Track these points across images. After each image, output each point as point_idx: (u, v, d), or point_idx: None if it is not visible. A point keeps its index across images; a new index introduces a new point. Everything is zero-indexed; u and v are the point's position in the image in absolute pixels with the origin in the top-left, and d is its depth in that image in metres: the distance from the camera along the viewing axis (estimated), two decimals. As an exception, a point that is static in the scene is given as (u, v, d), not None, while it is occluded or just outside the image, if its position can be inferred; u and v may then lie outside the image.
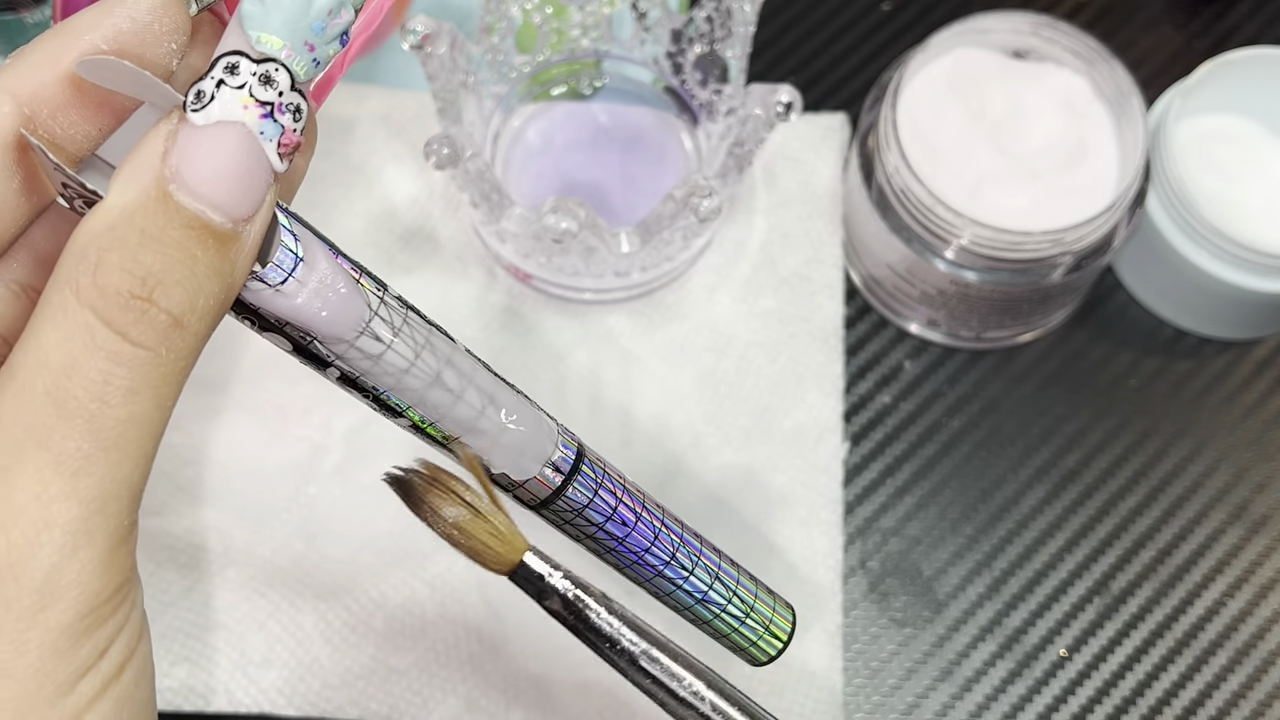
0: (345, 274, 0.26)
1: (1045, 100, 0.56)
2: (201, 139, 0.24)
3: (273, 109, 0.24)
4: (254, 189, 0.24)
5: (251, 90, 0.24)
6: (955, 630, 0.54)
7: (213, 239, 0.24)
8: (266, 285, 0.25)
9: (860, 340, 0.58)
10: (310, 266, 0.26)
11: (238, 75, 0.24)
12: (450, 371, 0.28)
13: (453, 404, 0.28)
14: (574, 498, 0.31)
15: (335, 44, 0.25)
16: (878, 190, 0.55)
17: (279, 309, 0.26)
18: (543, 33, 0.57)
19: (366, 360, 0.27)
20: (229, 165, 0.24)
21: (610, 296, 0.56)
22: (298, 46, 0.24)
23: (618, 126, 0.59)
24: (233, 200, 0.24)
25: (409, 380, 0.27)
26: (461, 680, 0.52)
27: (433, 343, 0.28)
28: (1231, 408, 0.58)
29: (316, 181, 0.58)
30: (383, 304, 0.27)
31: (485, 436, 0.29)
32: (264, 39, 0.24)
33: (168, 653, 0.52)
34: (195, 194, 0.24)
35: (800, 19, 0.63)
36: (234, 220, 0.24)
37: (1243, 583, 0.55)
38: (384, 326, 0.27)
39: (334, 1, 0.24)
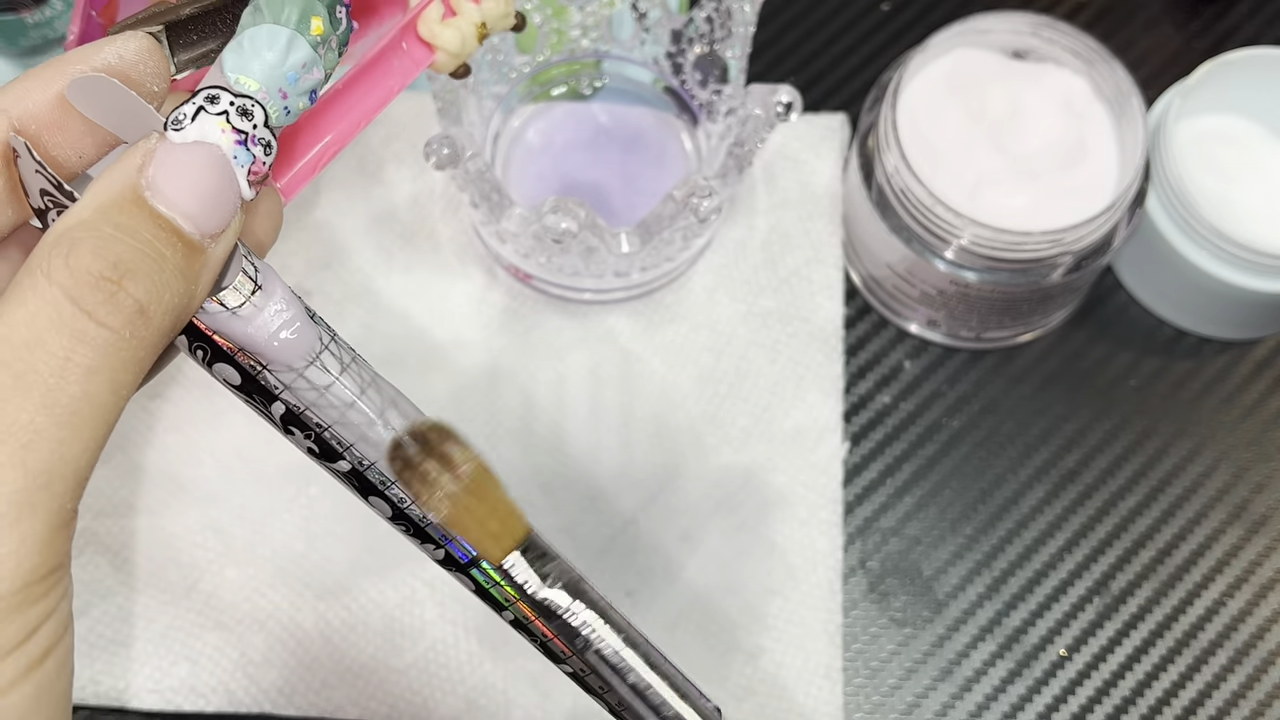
0: (299, 306, 0.28)
1: (1045, 100, 0.56)
2: (179, 154, 0.25)
3: (247, 138, 0.26)
4: (223, 207, 0.26)
5: (229, 117, 0.26)
6: (955, 630, 0.54)
7: (181, 244, 0.25)
8: (224, 308, 0.27)
9: (860, 340, 0.58)
10: (267, 294, 0.27)
11: (218, 104, 0.26)
12: (393, 411, 0.29)
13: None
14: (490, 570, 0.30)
15: (305, 99, 0.27)
16: (878, 190, 0.55)
17: (234, 333, 0.27)
18: (543, 33, 0.57)
19: (313, 391, 0.28)
20: (203, 180, 0.25)
21: (610, 296, 0.56)
22: (272, 92, 0.26)
23: (618, 126, 0.59)
24: (203, 213, 0.25)
25: (352, 415, 0.28)
26: (462, 680, 0.52)
27: (378, 383, 0.29)
28: (1231, 408, 0.58)
29: (318, 182, 0.58)
30: (333, 340, 0.28)
31: None
32: (242, 79, 0.26)
33: (168, 652, 0.52)
34: (168, 202, 0.25)
35: (800, 19, 0.63)
36: (202, 233, 0.25)
37: (1242, 582, 0.55)
38: (333, 360, 0.28)
39: (309, 57, 0.27)
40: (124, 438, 0.54)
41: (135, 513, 0.53)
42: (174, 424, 0.54)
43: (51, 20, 0.59)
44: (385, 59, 0.34)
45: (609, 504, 0.54)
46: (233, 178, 0.26)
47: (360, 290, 0.57)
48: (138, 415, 0.54)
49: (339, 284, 0.57)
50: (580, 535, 0.54)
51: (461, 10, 0.35)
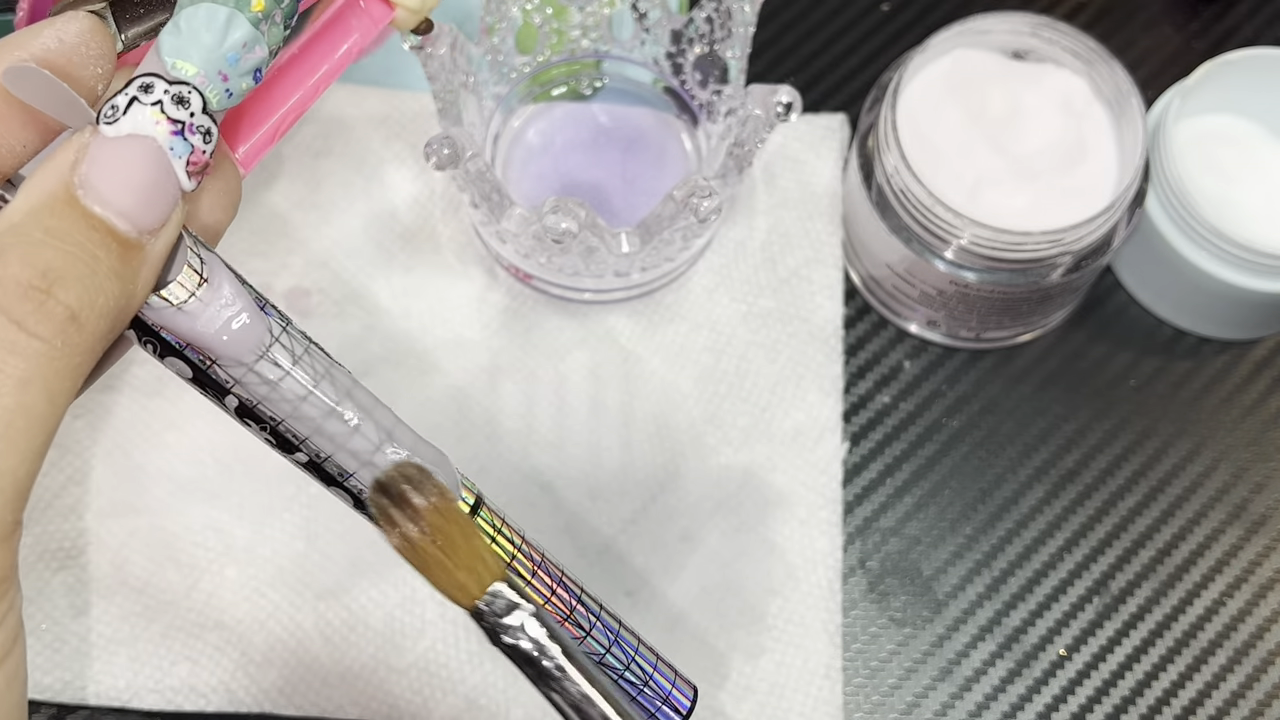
0: (248, 298, 0.27)
1: (1045, 101, 0.56)
2: (112, 149, 0.24)
3: (184, 128, 0.25)
4: (161, 202, 0.25)
5: (164, 107, 0.25)
6: (955, 630, 0.54)
7: (116, 244, 0.24)
8: (169, 303, 0.26)
9: (860, 340, 0.58)
10: (214, 288, 0.27)
11: (151, 93, 0.25)
12: (349, 404, 0.28)
13: (349, 436, 0.28)
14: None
15: (248, 78, 0.26)
16: (877, 190, 0.55)
17: (180, 328, 0.26)
18: (543, 33, 0.57)
19: (264, 386, 0.27)
20: (137, 175, 0.24)
21: (610, 296, 0.56)
22: (211, 75, 0.25)
23: (618, 127, 0.59)
24: (139, 210, 0.25)
25: (306, 409, 0.28)
26: (462, 679, 0.52)
27: (333, 374, 0.28)
28: (1230, 408, 0.58)
29: (317, 181, 0.58)
30: (285, 332, 0.28)
31: (380, 470, 0.29)
32: (179, 65, 0.25)
33: (168, 652, 0.52)
34: (102, 200, 0.24)
35: (800, 19, 0.63)
36: (139, 230, 0.25)
37: (1242, 582, 0.55)
38: (283, 353, 0.27)
39: (249, 36, 0.25)
40: (124, 437, 0.54)
41: (135, 513, 0.53)
42: (174, 423, 0.54)
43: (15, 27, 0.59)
44: (343, 18, 0.33)
45: (609, 504, 0.54)
46: (170, 170, 0.25)
47: (360, 290, 0.57)
48: (137, 415, 0.54)
49: (339, 284, 0.57)
50: (580, 535, 0.54)
51: None
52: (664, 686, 0.33)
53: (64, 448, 0.54)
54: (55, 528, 0.53)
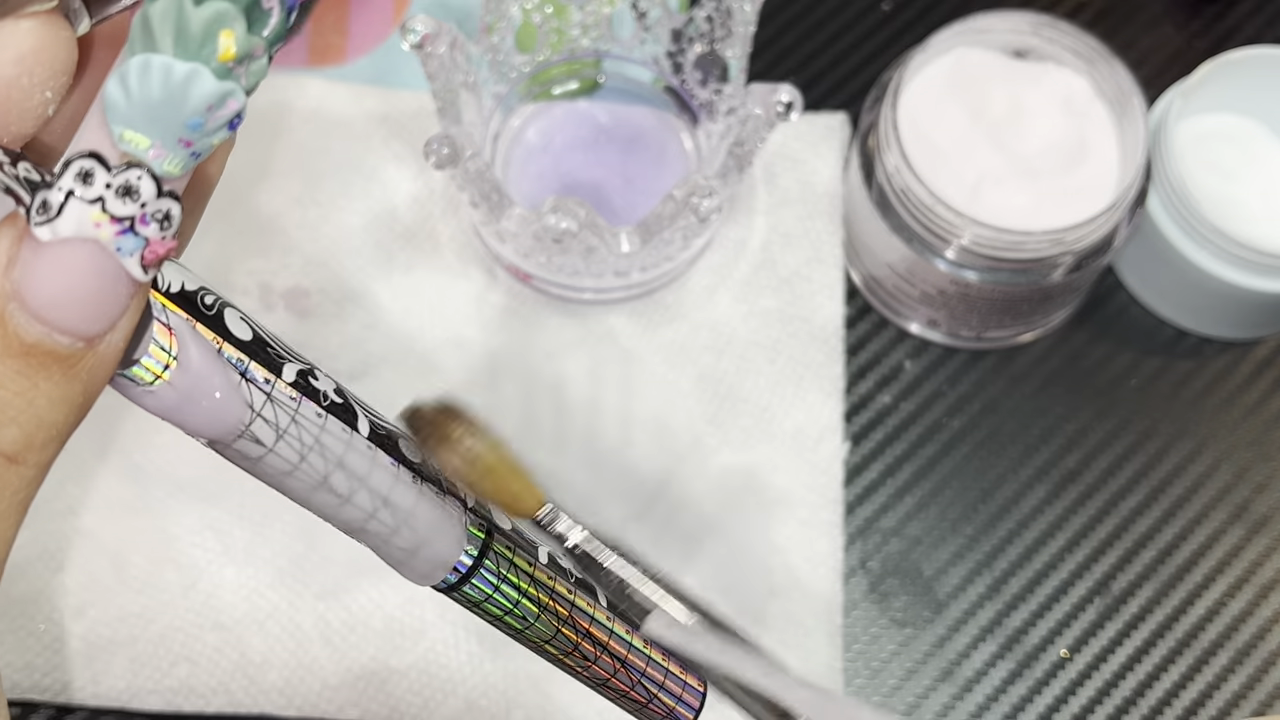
0: (225, 372, 0.23)
1: (1046, 100, 0.56)
2: (46, 257, 0.20)
3: (133, 222, 0.20)
4: (109, 308, 0.21)
5: (105, 205, 0.20)
6: (956, 631, 0.54)
7: (57, 365, 0.21)
8: (135, 384, 0.23)
9: (860, 340, 0.58)
10: (183, 368, 0.23)
11: (91, 186, 0.20)
12: (340, 474, 0.25)
13: (339, 506, 0.26)
14: (470, 593, 0.29)
15: (222, 133, 0.21)
16: (878, 190, 0.55)
17: (149, 407, 0.24)
18: (543, 32, 0.57)
19: (246, 461, 0.25)
20: (79, 287, 0.20)
21: (610, 296, 0.56)
22: (170, 144, 0.20)
23: (618, 126, 0.59)
24: (83, 323, 0.21)
25: (291, 483, 0.25)
26: (462, 680, 0.52)
27: (323, 441, 0.25)
28: (1232, 408, 0.58)
29: (317, 181, 0.58)
30: (268, 401, 0.24)
31: (375, 538, 0.27)
32: (128, 137, 0.20)
33: (168, 653, 0.51)
34: (39, 317, 0.20)
35: (800, 19, 0.63)
36: (87, 339, 0.21)
37: (1244, 583, 0.55)
38: (266, 429, 0.24)
39: (215, 93, 0.20)
40: (123, 437, 0.54)
41: (134, 513, 0.53)
42: (173, 424, 0.54)
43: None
44: None
45: (609, 504, 0.54)
46: (119, 271, 0.20)
47: (360, 290, 0.57)
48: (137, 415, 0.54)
49: (339, 284, 0.57)
50: (580, 535, 0.54)
51: None
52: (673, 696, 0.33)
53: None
54: (54, 528, 0.53)
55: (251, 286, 0.56)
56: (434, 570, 0.29)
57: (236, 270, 0.56)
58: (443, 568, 0.29)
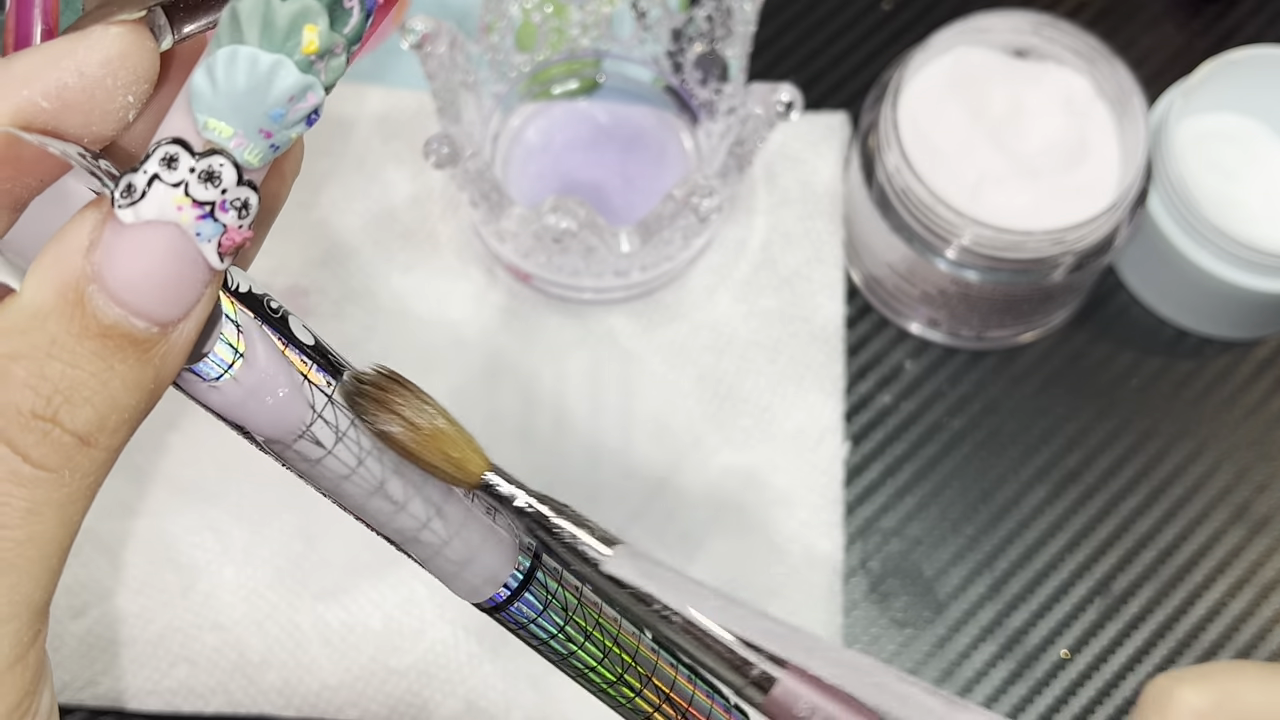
0: (289, 372, 0.24)
1: (1046, 99, 0.55)
2: (128, 240, 0.21)
3: (213, 208, 0.21)
4: (186, 294, 0.22)
5: (189, 189, 0.21)
6: (956, 631, 0.54)
7: (133, 348, 0.21)
8: (201, 379, 0.23)
9: (861, 340, 0.58)
10: (250, 365, 0.23)
11: (175, 170, 0.21)
12: (396, 480, 0.26)
13: (394, 514, 0.26)
14: (517, 615, 0.29)
15: (300, 127, 0.22)
16: (878, 190, 0.55)
17: (212, 404, 0.24)
18: (542, 32, 0.57)
19: (304, 463, 0.25)
20: (158, 270, 0.21)
21: (610, 296, 0.56)
22: (251, 133, 0.21)
23: (618, 126, 0.58)
24: (160, 307, 0.21)
25: (348, 487, 0.25)
26: (461, 680, 0.51)
27: (379, 451, 0.25)
28: (1233, 408, 0.57)
29: (317, 181, 0.58)
30: (330, 403, 0.25)
31: (427, 548, 0.27)
32: (212, 125, 0.21)
33: (167, 653, 0.51)
34: (118, 299, 0.21)
35: (800, 18, 0.63)
36: (162, 325, 0.22)
37: (1244, 583, 0.55)
38: (326, 430, 0.25)
39: (297, 86, 0.21)
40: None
41: (133, 513, 0.53)
42: (173, 423, 0.54)
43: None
44: None
45: (609, 504, 0.54)
46: (197, 258, 0.21)
47: (360, 290, 0.56)
48: (136, 415, 0.54)
49: (339, 284, 0.56)
50: (580, 536, 0.53)
51: None
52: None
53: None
54: (53, 528, 0.53)
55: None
56: (483, 586, 0.28)
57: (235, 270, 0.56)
58: (492, 583, 0.28)
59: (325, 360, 0.25)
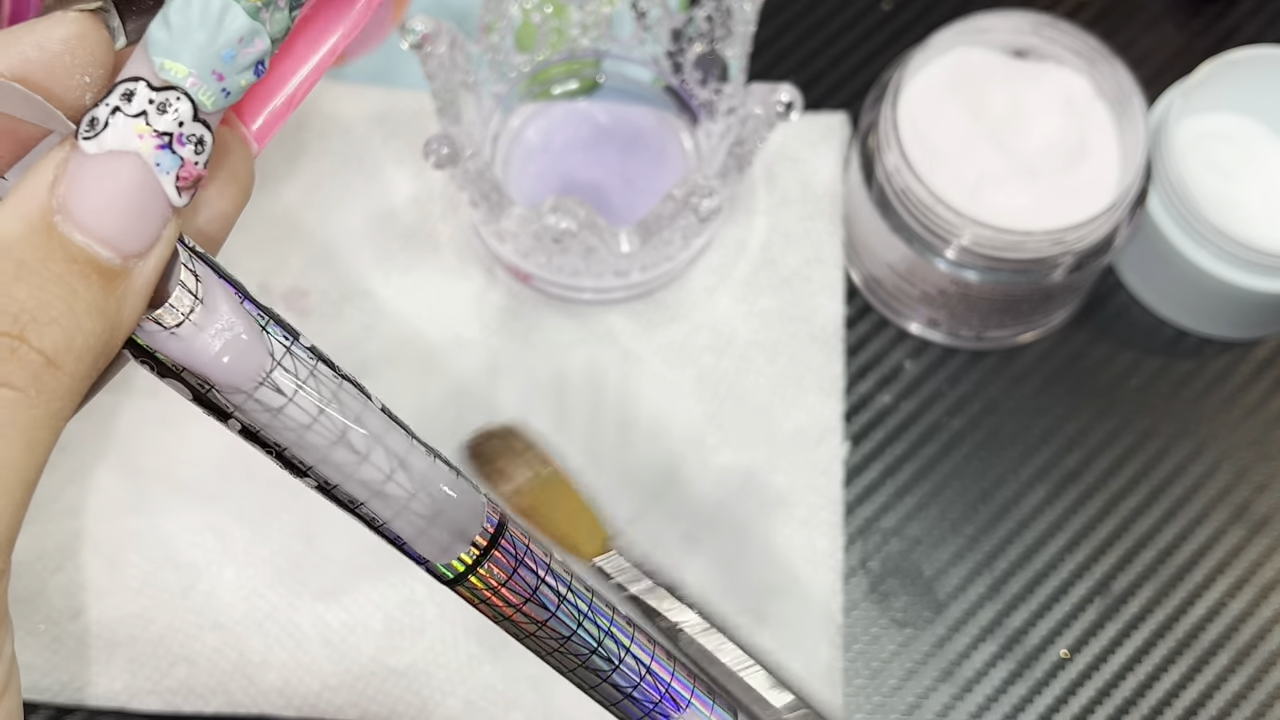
0: (248, 320, 0.25)
1: (1046, 100, 0.55)
2: (92, 168, 0.22)
3: (171, 140, 0.23)
4: (147, 224, 0.23)
5: (148, 119, 0.23)
6: (956, 631, 0.54)
7: (97, 275, 0.22)
8: (161, 327, 0.24)
9: (860, 340, 0.58)
10: (210, 310, 0.25)
11: (133, 102, 0.23)
12: (357, 430, 0.26)
13: (358, 464, 0.27)
14: (489, 573, 0.29)
15: (248, 73, 0.24)
16: (878, 190, 0.55)
17: (173, 353, 0.25)
18: (542, 32, 0.57)
19: (266, 413, 0.26)
20: (120, 198, 0.22)
21: (610, 296, 0.56)
22: (205, 75, 0.23)
23: (618, 126, 0.59)
24: (123, 235, 0.23)
25: (311, 437, 0.26)
26: (461, 681, 0.51)
27: (340, 398, 0.26)
28: (1233, 408, 0.58)
29: (317, 181, 0.58)
30: (289, 354, 0.26)
31: (394, 502, 0.27)
32: (168, 65, 0.23)
33: (167, 653, 0.51)
34: (82, 226, 0.22)
35: (800, 18, 0.63)
36: (124, 256, 0.23)
37: (1244, 583, 0.55)
38: (286, 378, 0.25)
39: (246, 28, 0.23)
40: (122, 438, 0.54)
41: (133, 513, 0.53)
42: (172, 424, 0.54)
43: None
44: None
45: (609, 504, 0.54)
46: (158, 188, 0.23)
47: (360, 290, 0.56)
48: (136, 415, 0.54)
49: (338, 284, 0.56)
50: (580, 536, 0.54)
51: None
52: (702, 715, 0.32)
53: (62, 447, 0.53)
54: (53, 527, 0.53)
55: (250, 286, 0.56)
56: (453, 541, 0.28)
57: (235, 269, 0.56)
58: (462, 538, 0.28)
59: (282, 322, 0.26)
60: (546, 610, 0.29)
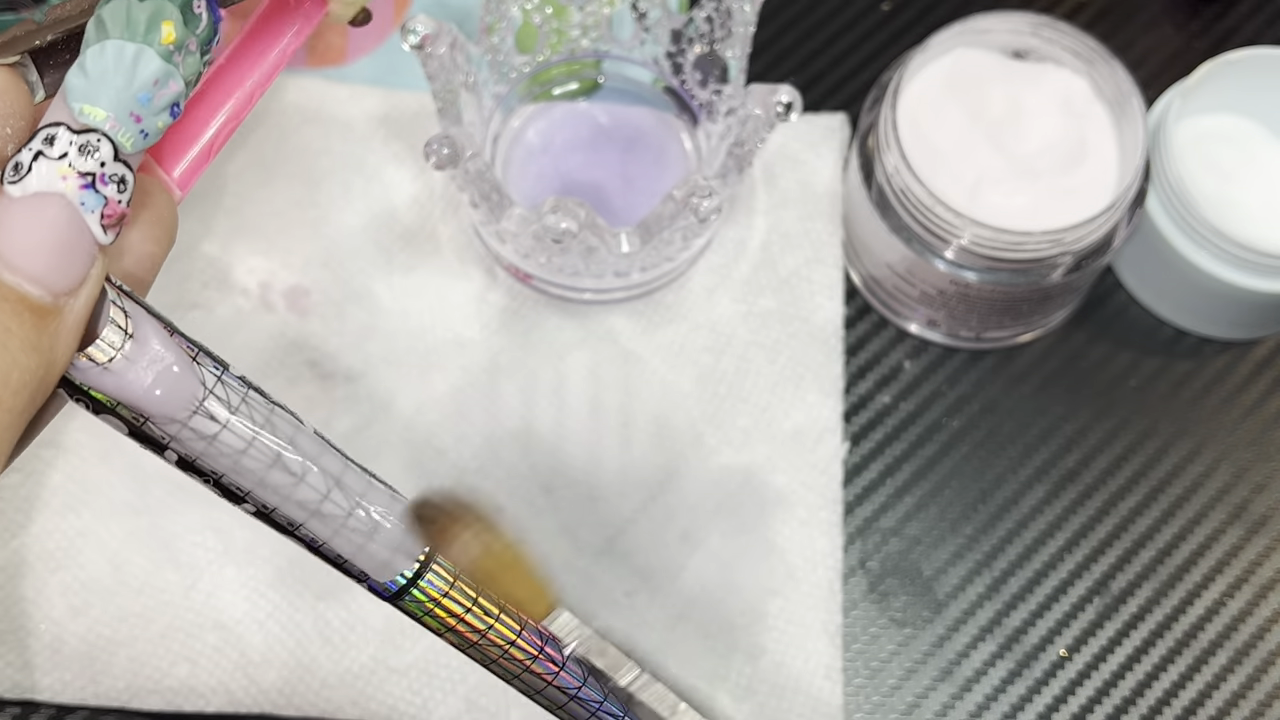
0: (179, 352, 0.26)
1: (1045, 100, 0.56)
2: (18, 210, 0.23)
3: (94, 179, 0.24)
4: (75, 262, 0.24)
5: (71, 160, 0.23)
6: (955, 630, 0.54)
7: (29, 313, 0.23)
8: (94, 364, 0.25)
9: (860, 340, 0.58)
10: (141, 344, 0.25)
11: (55, 145, 0.23)
12: (292, 451, 0.27)
13: (294, 486, 0.27)
14: (427, 590, 0.29)
15: (165, 115, 0.24)
16: (878, 190, 0.55)
17: (108, 388, 0.25)
18: (543, 33, 0.57)
19: (201, 441, 0.26)
20: (48, 237, 0.23)
21: (610, 296, 0.56)
22: (123, 117, 0.24)
23: (618, 127, 0.59)
24: (52, 273, 0.23)
25: (246, 461, 0.27)
26: (461, 680, 0.52)
27: (273, 423, 0.27)
28: (1231, 408, 0.58)
29: (317, 182, 0.58)
30: (220, 382, 0.26)
31: (332, 521, 0.28)
32: (87, 110, 0.24)
33: (167, 652, 0.52)
34: (12, 266, 0.23)
35: (800, 19, 0.63)
36: (55, 294, 0.24)
37: (1242, 583, 0.55)
38: (219, 405, 0.26)
39: (160, 71, 0.24)
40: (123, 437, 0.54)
41: (134, 512, 0.53)
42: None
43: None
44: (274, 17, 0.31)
45: (609, 504, 0.54)
46: (84, 227, 0.24)
47: (360, 290, 0.57)
48: (137, 415, 0.54)
49: (339, 284, 0.57)
50: (580, 535, 0.54)
51: None
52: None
53: (62, 447, 0.53)
54: (53, 526, 0.53)
55: (252, 286, 0.56)
56: (392, 557, 0.29)
57: (237, 269, 0.56)
58: (402, 553, 0.29)
59: (211, 354, 0.27)
60: (489, 619, 0.30)
